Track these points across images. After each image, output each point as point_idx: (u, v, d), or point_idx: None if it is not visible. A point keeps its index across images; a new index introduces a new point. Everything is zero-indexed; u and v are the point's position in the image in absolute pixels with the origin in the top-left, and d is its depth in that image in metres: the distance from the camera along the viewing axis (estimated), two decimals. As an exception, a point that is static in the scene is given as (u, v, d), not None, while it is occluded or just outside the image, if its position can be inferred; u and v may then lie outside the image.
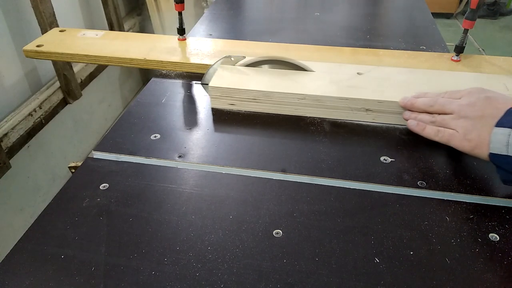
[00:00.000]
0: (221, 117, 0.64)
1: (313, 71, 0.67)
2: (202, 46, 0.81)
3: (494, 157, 0.47)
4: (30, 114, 1.27)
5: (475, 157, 0.51)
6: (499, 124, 0.47)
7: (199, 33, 0.95)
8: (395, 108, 0.60)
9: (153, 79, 0.76)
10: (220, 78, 0.66)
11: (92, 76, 1.62)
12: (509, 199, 0.49)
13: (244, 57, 0.71)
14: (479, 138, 0.49)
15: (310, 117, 0.64)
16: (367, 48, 0.81)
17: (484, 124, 0.49)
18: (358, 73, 0.67)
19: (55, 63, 1.36)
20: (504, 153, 0.46)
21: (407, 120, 0.59)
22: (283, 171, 0.53)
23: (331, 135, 0.60)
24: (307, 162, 0.55)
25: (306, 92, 0.62)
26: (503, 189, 0.50)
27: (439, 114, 0.55)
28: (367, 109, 0.61)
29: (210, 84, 0.65)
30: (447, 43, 0.90)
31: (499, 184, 0.51)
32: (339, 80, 0.65)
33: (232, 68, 0.69)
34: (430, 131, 0.55)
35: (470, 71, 0.71)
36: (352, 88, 0.63)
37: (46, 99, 1.35)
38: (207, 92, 0.65)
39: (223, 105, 0.66)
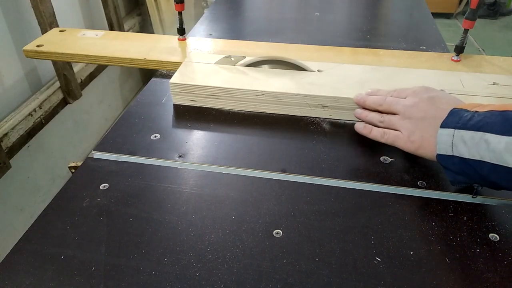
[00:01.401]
0: (220, 117, 0.64)
1: (313, 71, 0.67)
2: (202, 46, 0.81)
3: (441, 158, 0.47)
4: (30, 114, 1.27)
5: (421, 157, 0.51)
6: (444, 125, 0.47)
7: (199, 33, 0.95)
8: (350, 104, 0.61)
9: (153, 79, 0.76)
10: (181, 74, 0.67)
11: (92, 76, 1.62)
12: (509, 199, 0.49)
13: (244, 57, 0.71)
14: (422, 139, 0.50)
15: (310, 117, 0.64)
16: (367, 48, 0.81)
17: (427, 125, 0.49)
18: (318, 70, 0.68)
19: (55, 63, 1.36)
20: (450, 153, 0.46)
21: (357, 118, 0.59)
22: (283, 171, 0.53)
23: (331, 135, 0.60)
24: (307, 162, 0.55)
25: (264, 89, 0.63)
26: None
27: (387, 113, 0.55)
28: (323, 106, 0.62)
29: (171, 80, 0.65)
30: (447, 43, 0.90)
31: (499, 184, 0.51)
32: (300, 77, 0.66)
33: (194, 65, 0.70)
34: (376, 133, 0.55)
35: (470, 71, 0.71)
36: (311, 85, 0.64)
37: (46, 99, 1.35)
38: (170, 89, 0.66)
39: (184, 101, 0.66)
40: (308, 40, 0.89)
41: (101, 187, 0.51)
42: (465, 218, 0.46)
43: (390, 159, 0.55)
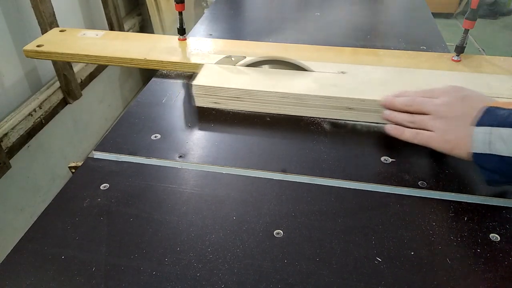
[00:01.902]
0: (221, 117, 0.64)
1: (313, 71, 0.67)
2: (202, 46, 0.81)
3: (477, 157, 0.47)
4: (30, 114, 1.27)
5: (456, 157, 0.50)
6: (479, 123, 0.47)
7: (199, 33, 0.95)
8: (376, 106, 0.60)
9: (153, 79, 0.76)
10: (204, 76, 0.67)
11: (92, 76, 1.62)
12: (510, 199, 0.49)
13: (245, 57, 0.71)
14: (457, 139, 0.49)
15: (310, 117, 0.64)
16: (367, 48, 0.81)
17: (460, 124, 0.49)
18: (341, 72, 0.67)
19: (55, 63, 1.36)
20: (487, 152, 0.46)
21: (386, 119, 0.58)
22: (283, 171, 0.53)
23: (331, 135, 0.60)
24: (308, 162, 0.55)
25: (288, 91, 0.62)
26: (504, 189, 0.50)
27: (418, 114, 0.55)
28: (348, 108, 0.61)
29: (194, 82, 0.65)
30: (447, 43, 0.90)
31: (500, 184, 0.51)
32: (322, 78, 0.65)
33: (216, 67, 0.70)
34: (408, 134, 0.54)
35: (471, 71, 0.71)
36: (334, 86, 0.63)
37: (46, 99, 1.35)
38: (193, 91, 0.66)
39: (207, 103, 0.66)
40: (308, 40, 0.89)
41: (101, 187, 0.51)
42: (465, 218, 0.46)
43: (391, 159, 0.55)
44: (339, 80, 0.65)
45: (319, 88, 0.63)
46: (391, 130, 0.57)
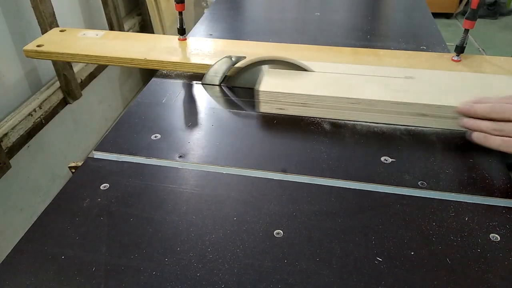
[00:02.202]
0: (221, 117, 0.64)
1: (318, 72, 0.67)
2: (202, 46, 0.81)
3: None
4: (30, 114, 1.27)
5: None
6: None
7: (199, 33, 0.95)
8: (451, 113, 0.58)
9: (153, 79, 0.76)
10: (269, 82, 0.64)
11: (92, 76, 1.62)
12: (510, 199, 0.49)
13: (245, 57, 0.71)
14: None
15: (310, 117, 0.64)
16: (367, 48, 0.81)
17: None
18: (408, 77, 0.65)
19: (55, 63, 1.36)
20: None
21: (464, 127, 0.56)
22: (284, 171, 0.53)
23: (331, 135, 0.60)
24: (308, 162, 0.55)
25: (359, 97, 0.60)
26: (504, 189, 0.50)
27: (501, 121, 0.52)
28: (422, 114, 0.59)
29: (260, 88, 0.63)
30: (447, 43, 0.90)
31: (500, 184, 0.51)
32: (390, 83, 0.63)
33: (279, 71, 0.68)
34: (495, 142, 0.52)
35: (471, 71, 0.71)
36: (406, 92, 0.61)
37: (46, 99, 1.35)
38: (256, 96, 0.64)
39: (271, 109, 0.64)
40: (308, 40, 0.89)
41: (101, 187, 0.51)
42: (466, 218, 0.46)
43: (391, 159, 0.55)
44: (409, 85, 0.63)
45: (390, 93, 0.61)
46: (480, 138, 0.54)
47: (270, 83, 0.65)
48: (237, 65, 0.71)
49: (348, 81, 0.65)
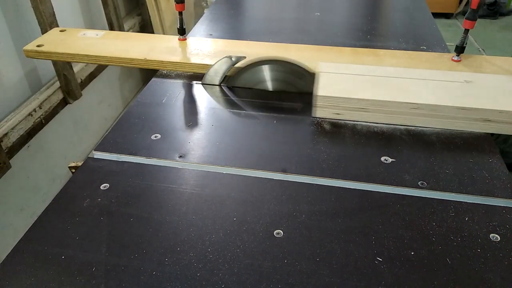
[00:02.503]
0: (221, 117, 0.64)
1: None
2: (202, 46, 0.81)
3: None
4: (30, 114, 1.27)
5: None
6: None
7: (200, 33, 0.95)
8: None
9: (153, 79, 0.76)
10: (325, 86, 0.63)
11: (92, 76, 1.61)
12: (510, 199, 0.49)
13: (245, 57, 0.71)
14: None
15: (310, 117, 0.64)
16: (367, 48, 0.81)
17: None
18: (466, 81, 0.63)
19: (55, 63, 1.36)
20: None
21: None
22: (284, 171, 0.53)
23: (331, 135, 0.60)
24: (307, 162, 0.55)
25: (420, 101, 0.59)
26: (504, 189, 0.50)
27: None
28: (486, 120, 0.58)
29: (319, 93, 0.61)
30: (447, 43, 0.90)
31: (499, 184, 0.51)
32: (449, 88, 0.62)
33: (334, 76, 0.66)
34: None
35: (471, 71, 0.71)
36: (467, 96, 0.59)
37: (46, 99, 1.35)
38: (315, 102, 0.62)
39: (329, 114, 0.63)
40: (308, 40, 0.89)
41: (101, 187, 0.51)
42: (466, 218, 0.46)
43: (391, 159, 0.55)
44: (469, 89, 0.61)
45: (452, 98, 0.59)
46: None
47: (328, 87, 0.62)
48: (237, 65, 0.71)
49: (406, 86, 0.63)
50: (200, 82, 0.73)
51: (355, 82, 0.64)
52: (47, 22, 1.26)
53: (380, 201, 0.49)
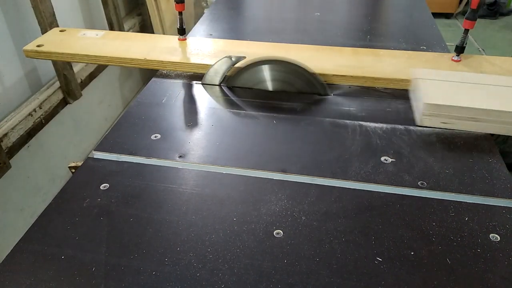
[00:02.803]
0: (221, 117, 0.64)
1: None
2: (202, 46, 0.81)
3: None
4: (30, 114, 1.27)
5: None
6: None
7: (200, 33, 0.95)
8: None
9: (153, 79, 0.76)
10: (431, 94, 0.59)
11: (92, 76, 1.62)
12: (510, 199, 0.49)
13: (245, 57, 0.71)
14: None
15: (310, 117, 0.63)
16: (367, 48, 0.81)
17: None
18: None
19: (55, 63, 1.36)
20: None
21: None
22: (283, 171, 0.53)
23: (331, 135, 0.60)
24: (307, 162, 0.55)
25: None
26: (504, 189, 0.50)
27: None
28: None
29: (427, 101, 0.58)
30: (447, 43, 0.90)
31: (499, 184, 0.51)
32: None
33: (437, 82, 0.62)
34: None
35: (471, 71, 0.71)
36: None
37: (46, 99, 1.35)
38: (423, 110, 0.59)
39: (435, 123, 0.60)
40: (308, 40, 0.89)
41: (101, 187, 0.51)
42: (466, 218, 0.46)
43: (391, 159, 0.55)
44: None
45: None
46: None
47: (432, 95, 0.59)
48: (237, 65, 0.71)
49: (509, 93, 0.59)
50: (200, 82, 0.73)
51: (460, 89, 0.60)
52: (47, 22, 1.26)
53: (380, 201, 0.49)
